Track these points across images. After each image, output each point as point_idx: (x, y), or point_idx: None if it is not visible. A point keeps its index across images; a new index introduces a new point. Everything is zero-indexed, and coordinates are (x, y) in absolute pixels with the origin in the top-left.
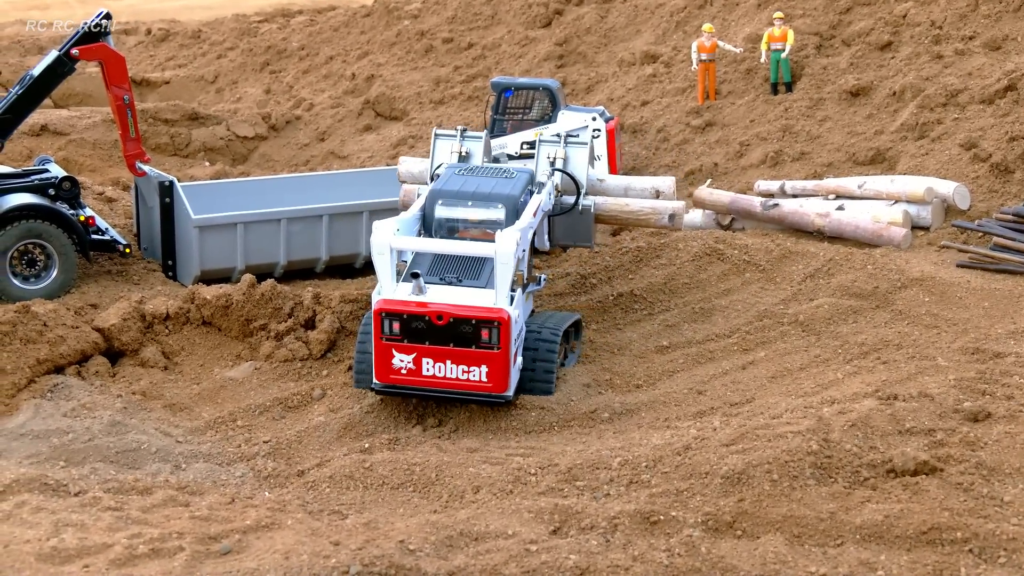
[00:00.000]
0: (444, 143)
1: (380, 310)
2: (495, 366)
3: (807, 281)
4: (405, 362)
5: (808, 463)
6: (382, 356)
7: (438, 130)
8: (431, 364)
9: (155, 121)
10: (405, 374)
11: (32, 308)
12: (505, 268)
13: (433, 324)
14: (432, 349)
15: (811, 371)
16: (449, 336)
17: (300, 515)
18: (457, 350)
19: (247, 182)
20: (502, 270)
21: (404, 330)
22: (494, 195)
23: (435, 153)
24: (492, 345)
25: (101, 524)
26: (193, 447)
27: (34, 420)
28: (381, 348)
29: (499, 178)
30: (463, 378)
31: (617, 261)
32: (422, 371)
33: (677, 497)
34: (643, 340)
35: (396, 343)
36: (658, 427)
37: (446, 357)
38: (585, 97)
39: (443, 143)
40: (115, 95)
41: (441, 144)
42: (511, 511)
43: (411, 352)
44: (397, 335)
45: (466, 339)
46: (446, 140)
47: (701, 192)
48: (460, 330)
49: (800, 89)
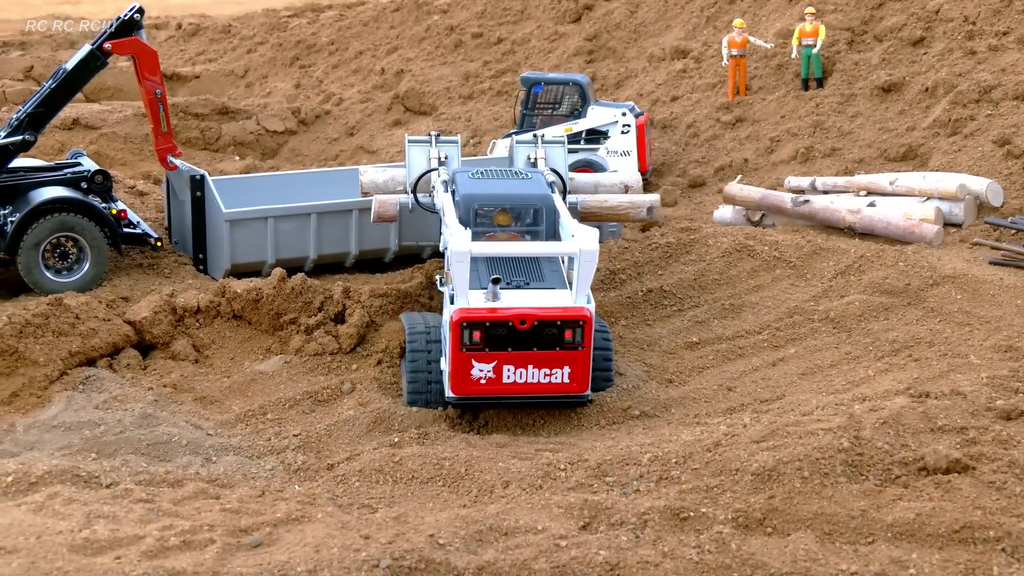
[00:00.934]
0: (418, 150)
1: (461, 320)
2: (578, 366)
3: (838, 278)
4: (485, 371)
5: (839, 460)
6: (460, 367)
7: (410, 137)
8: (512, 371)
9: (185, 115)
10: (484, 383)
11: (64, 301)
12: (589, 266)
13: (515, 329)
14: (514, 355)
15: (842, 368)
16: (532, 340)
17: (330, 508)
18: (540, 353)
19: (277, 176)
20: (586, 268)
21: (485, 338)
22: (530, 196)
23: (411, 160)
24: (576, 345)
25: (132, 516)
26: (223, 440)
27: (66, 412)
28: (459, 359)
29: (518, 179)
30: (544, 381)
31: (647, 257)
32: (502, 379)
33: (707, 493)
34: (673, 336)
35: (476, 352)
36: (688, 423)
37: (528, 362)
38: (615, 92)
39: (417, 150)
40: (147, 89)
41: (415, 151)
42: (541, 506)
43: (491, 360)
44: (477, 344)
45: (549, 342)
46: (420, 147)
47: (731, 188)
48: (543, 333)
49: (831, 85)
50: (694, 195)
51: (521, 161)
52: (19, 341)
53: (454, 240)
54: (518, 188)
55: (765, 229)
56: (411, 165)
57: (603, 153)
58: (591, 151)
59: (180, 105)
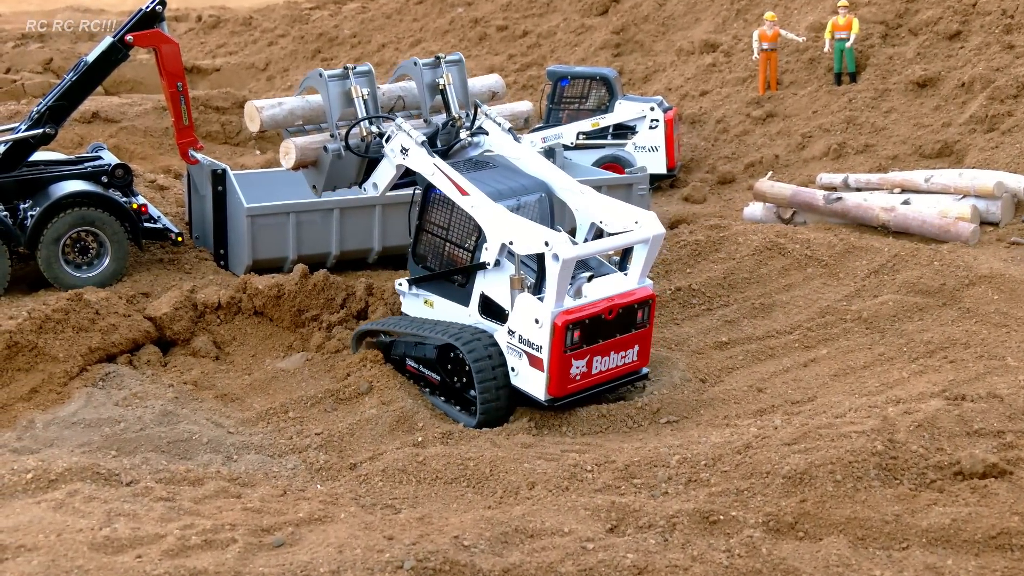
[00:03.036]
0: (336, 87)
1: (566, 323)
2: (644, 343)
3: (871, 277)
4: (579, 368)
5: (873, 464)
6: (562, 370)
7: (328, 72)
8: (600, 360)
9: (206, 109)
10: (579, 379)
11: (84, 296)
12: (655, 249)
13: (604, 320)
14: (603, 346)
15: (875, 370)
16: (615, 327)
17: (353, 508)
18: (620, 339)
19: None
20: (652, 253)
21: (583, 335)
22: (531, 186)
23: (331, 100)
24: (644, 323)
25: (153, 514)
26: (244, 438)
27: (86, 409)
28: (563, 362)
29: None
30: (621, 364)
31: (675, 255)
32: (592, 371)
33: (737, 497)
34: (702, 336)
35: (576, 351)
36: (717, 425)
37: (611, 349)
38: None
39: (335, 87)
40: (169, 82)
41: (333, 88)
42: (567, 508)
43: (586, 355)
44: (577, 343)
45: (626, 326)
46: (337, 83)
47: (762, 185)
48: (624, 318)
49: (865, 79)
50: (723, 192)
51: (427, 85)
52: (39, 337)
53: (558, 247)
54: (512, 180)
55: (796, 227)
56: (332, 103)
57: (631, 149)
58: (618, 147)
59: (200, 98)
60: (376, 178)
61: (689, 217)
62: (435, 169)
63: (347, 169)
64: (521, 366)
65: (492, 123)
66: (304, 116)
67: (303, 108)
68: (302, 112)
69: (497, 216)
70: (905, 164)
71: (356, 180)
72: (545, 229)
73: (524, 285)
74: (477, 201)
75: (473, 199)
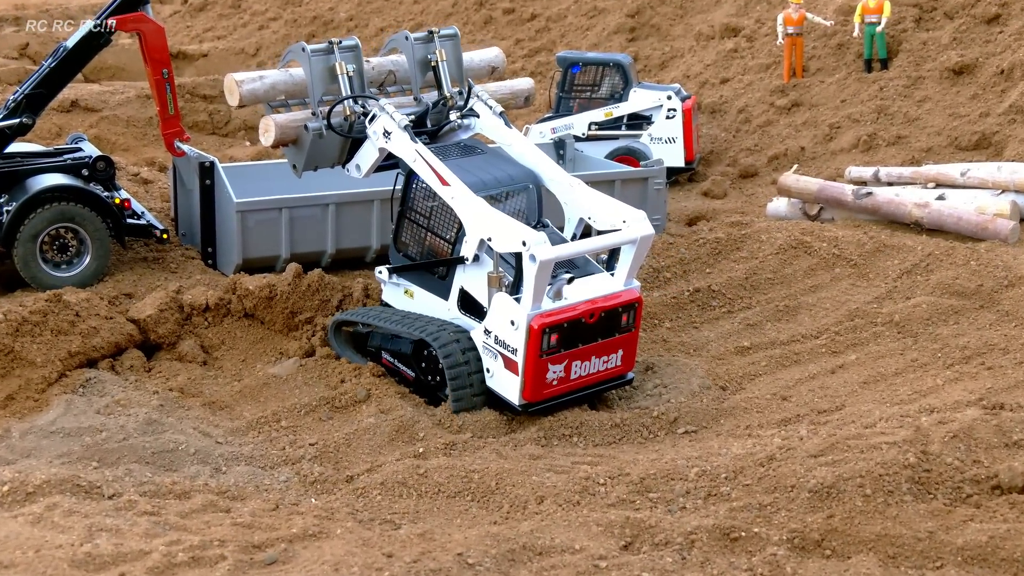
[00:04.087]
0: (319, 62)
1: (543, 326)
2: (629, 347)
3: (903, 278)
4: (557, 373)
5: (904, 477)
6: (537, 374)
7: (311, 47)
8: (579, 365)
9: (192, 97)
10: (556, 384)
11: (64, 297)
12: (643, 251)
13: (584, 324)
14: (583, 350)
15: (908, 376)
16: (597, 331)
17: (350, 524)
18: (602, 343)
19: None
20: (640, 253)
21: (561, 340)
22: (519, 176)
23: (313, 76)
24: (629, 327)
25: (137, 530)
26: (234, 449)
27: (65, 417)
28: (538, 367)
29: (486, 156)
30: (603, 368)
31: (694, 253)
32: (570, 376)
33: (760, 512)
34: (722, 340)
35: (552, 356)
36: (739, 435)
37: (591, 353)
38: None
39: (318, 62)
40: (154, 69)
41: (316, 63)
42: (578, 524)
43: (564, 360)
44: (554, 348)
45: (610, 329)
46: (320, 58)
47: (787, 179)
48: (607, 322)
49: (897, 66)
50: (745, 186)
51: (419, 62)
52: (15, 340)
53: (537, 250)
54: (500, 170)
55: (823, 224)
56: (315, 79)
57: (646, 140)
58: (633, 138)
59: (187, 86)
60: (359, 159)
61: (709, 213)
62: (416, 156)
63: (329, 149)
64: (496, 368)
65: (483, 105)
66: (287, 91)
67: (286, 82)
68: (284, 87)
69: (477, 210)
70: (940, 157)
71: (339, 160)
72: (524, 228)
73: (502, 284)
74: (457, 192)
75: (453, 190)
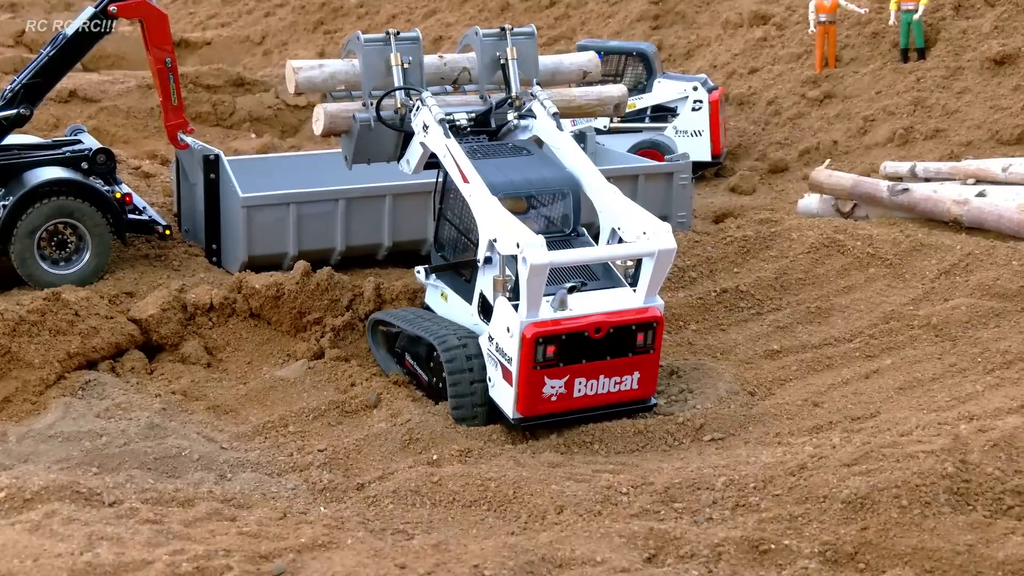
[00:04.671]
0: (373, 52)
1: (536, 335)
2: (647, 370)
3: (941, 278)
4: (556, 388)
5: (942, 488)
6: (531, 387)
7: (365, 36)
8: (584, 383)
9: (195, 87)
10: (555, 400)
11: (62, 296)
12: (664, 267)
13: (589, 339)
14: (586, 367)
15: (946, 382)
16: (605, 349)
17: (360, 534)
18: (612, 362)
19: (300, 157)
20: (660, 269)
21: (559, 353)
22: (555, 180)
23: (366, 66)
24: (647, 348)
25: (139, 538)
26: (240, 455)
27: (64, 420)
28: (532, 379)
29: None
30: (615, 390)
31: (721, 252)
32: (573, 393)
33: (791, 523)
34: (750, 343)
35: (549, 369)
36: (768, 443)
37: (600, 372)
38: (684, 64)
39: (372, 52)
40: (156, 58)
41: (369, 54)
42: (600, 535)
43: (564, 375)
44: (551, 360)
45: (622, 348)
46: (375, 48)
47: (819, 174)
48: (617, 340)
49: (935, 56)
50: (775, 182)
51: (488, 60)
52: (12, 340)
53: (530, 252)
54: (536, 172)
55: (857, 221)
56: (367, 70)
57: (671, 133)
58: (657, 131)
59: (189, 75)
60: (408, 154)
61: (736, 210)
62: (446, 151)
63: (382, 142)
64: (496, 377)
65: (539, 105)
66: (347, 81)
67: (347, 72)
68: (345, 76)
69: (487, 209)
70: (980, 151)
71: (394, 155)
72: (522, 230)
73: (505, 288)
74: (475, 190)
75: (472, 187)
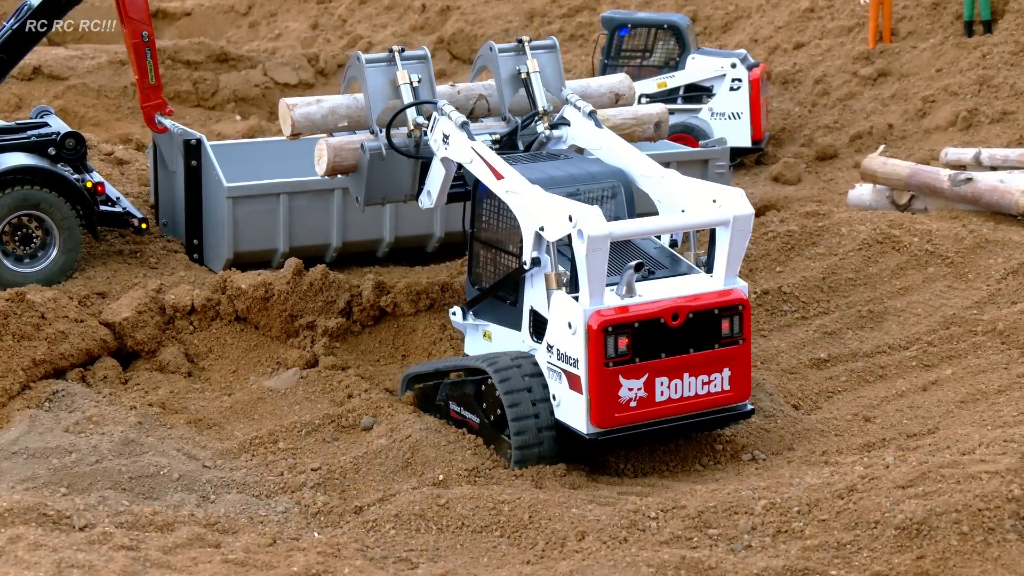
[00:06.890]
0: (377, 74)
1: (604, 324)
2: (739, 367)
3: (1008, 279)
4: (634, 390)
5: (1008, 512)
6: (604, 389)
7: (366, 56)
8: (666, 384)
9: (174, 63)
10: (635, 407)
11: (27, 296)
12: (742, 237)
13: (666, 328)
14: (668, 362)
15: (1012, 395)
16: (686, 340)
17: (359, 562)
18: (696, 356)
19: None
20: (739, 240)
21: (634, 345)
22: (599, 174)
23: (369, 89)
24: (736, 338)
25: (113, 566)
26: (224, 474)
27: (29, 435)
28: (604, 379)
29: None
30: (703, 392)
31: (762, 249)
32: (655, 397)
33: (838, 552)
34: (794, 351)
35: (623, 366)
36: (814, 463)
37: (684, 369)
38: (722, 38)
39: (376, 74)
40: (132, 31)
41: (373, 75)
42: (625, 564)
43: (642, 374)
44: (624, 355)
45: (705, 339)
46: (379, 70)
47: (872, 162)
48: (699, 328)
49: (1003, 29)
50: (823, 170)
51: (507, 76)
52: None
53: (587, 222)
54: (576, 168)
55: (914, 215)
56: (373, 94)
57: (706, 115)
58: (692, 113)
59: (167, 50)
60: (429, 183)
61: (780, 202)
62: (473, 154)
63: (397, 175)
64: (561, 391)
65: (572, 108)
66: (349, 116)
67: (348, 107)
68: (346, 111)
69: (529, 196)
70: None
71: (412, 189)
72: (572, 203)
73: (560, 282)
74: (511, 184)
75: (507, 182)
